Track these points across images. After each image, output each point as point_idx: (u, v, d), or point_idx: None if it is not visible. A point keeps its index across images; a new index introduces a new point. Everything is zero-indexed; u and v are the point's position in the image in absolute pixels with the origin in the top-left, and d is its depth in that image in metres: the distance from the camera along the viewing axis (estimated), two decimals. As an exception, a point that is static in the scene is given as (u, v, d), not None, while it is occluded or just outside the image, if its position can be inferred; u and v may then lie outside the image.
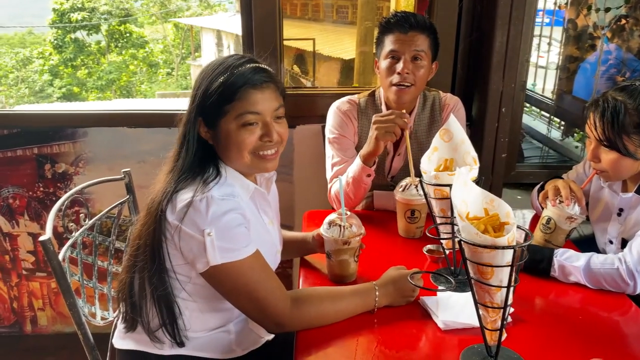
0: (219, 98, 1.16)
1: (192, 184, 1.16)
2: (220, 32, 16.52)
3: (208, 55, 17.91)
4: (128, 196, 1.70)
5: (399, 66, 1.72)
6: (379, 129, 1.61)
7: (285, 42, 2.23)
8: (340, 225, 1.35)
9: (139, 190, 1.72)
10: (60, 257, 1.33)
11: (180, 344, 1.23)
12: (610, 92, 1.44)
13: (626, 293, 1.36)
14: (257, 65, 1.21)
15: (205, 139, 1.22)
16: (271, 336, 1.38)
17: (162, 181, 1.21)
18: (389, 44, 1.74)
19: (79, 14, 17.77)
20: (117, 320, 1.39)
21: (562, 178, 1.63)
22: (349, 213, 1.39)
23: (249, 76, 1.17)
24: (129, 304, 1.25)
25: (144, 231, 1.18)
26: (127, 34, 19.41)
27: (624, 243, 1.52)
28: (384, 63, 1.76)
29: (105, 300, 1.64)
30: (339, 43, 6.07)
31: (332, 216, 1.39)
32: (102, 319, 1.56)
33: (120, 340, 1.32)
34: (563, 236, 1.53)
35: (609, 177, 1.52)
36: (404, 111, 1.64)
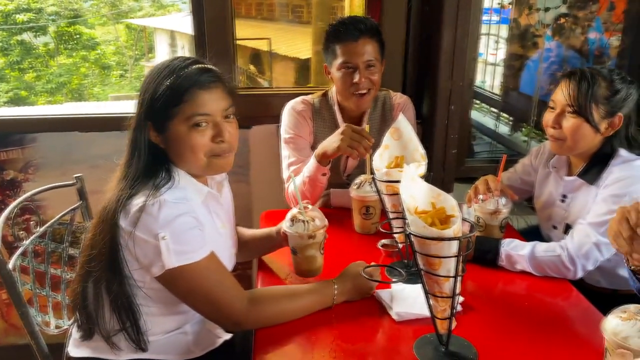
0: (166, 101, 1.15)
1: (144, 189, 1.15)
2: (174, 32, 16.23)
3: (162, 56, 17.54)
4: (81, 202, 1.67)
5: (356, 77, 1.74)
6: (344, 141, 1.59)
7: (240, 42, 2.23)
8: (303, 221, 1.32)
9: (92, 195, 1.69)
10: (10, 266, 1.31)
11: (144, 349, 1.22)
12: (585, 68, 1.52)
13: (568, 278, 1.44)
14: (203, 66, 1.20)
15: (156, 143, 1.21)
16: (229, 336, 1.39)
17: (114, 189, 1.19)
18: (341, 54, 1.75)
19: (24, 15, 17.10)
20: (72, 328, 1.37)
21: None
22: (309, 207, 1.37)
23: (196, 77, 1.17)
24: (84, 313, 1.23)
25: (98, 241, 1.16)
26: (77, 36, 18.76)
27: (567, 228, 1.60)
28: (338, 73, 1.77)
29: (59, 308, 1.60)
30: (294, 43, 6.05)
31: (293, 211, 1.36)
32: (57, 327, 1.53)
33: (75, 349, 1.30)
34: (497, 230, 1.59)
35: (564, 147, 1.55)
36: (367, 128, 1.62)
